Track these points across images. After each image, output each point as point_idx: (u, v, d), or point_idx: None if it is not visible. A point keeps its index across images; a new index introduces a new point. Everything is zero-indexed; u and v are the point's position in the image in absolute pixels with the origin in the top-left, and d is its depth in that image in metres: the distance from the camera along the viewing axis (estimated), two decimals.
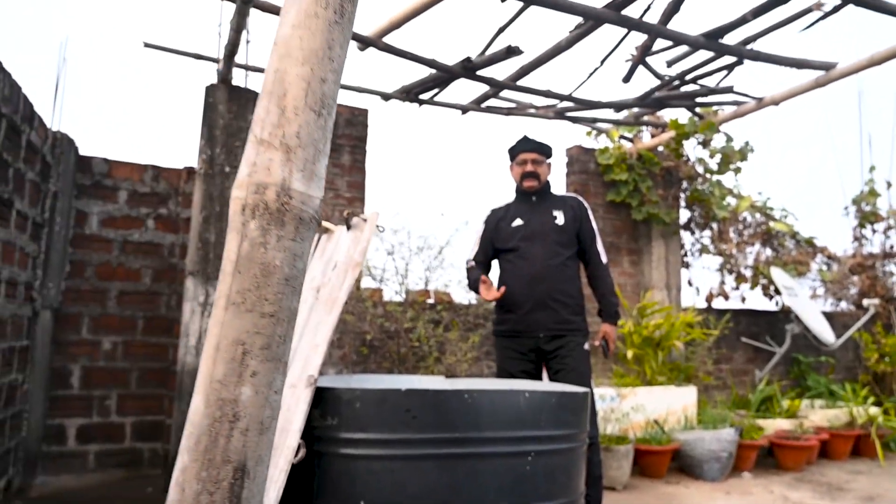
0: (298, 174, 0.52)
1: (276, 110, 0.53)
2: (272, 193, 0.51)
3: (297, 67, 0.54)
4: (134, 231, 4.03)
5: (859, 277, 6.09)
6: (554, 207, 3.01)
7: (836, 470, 4.28)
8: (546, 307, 2.87)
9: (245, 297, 0.49)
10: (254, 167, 0.52)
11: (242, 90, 3.75)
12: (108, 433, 3.85)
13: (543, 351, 2.89)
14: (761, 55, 3.30)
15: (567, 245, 2.96)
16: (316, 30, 0.55)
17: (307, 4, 0.56)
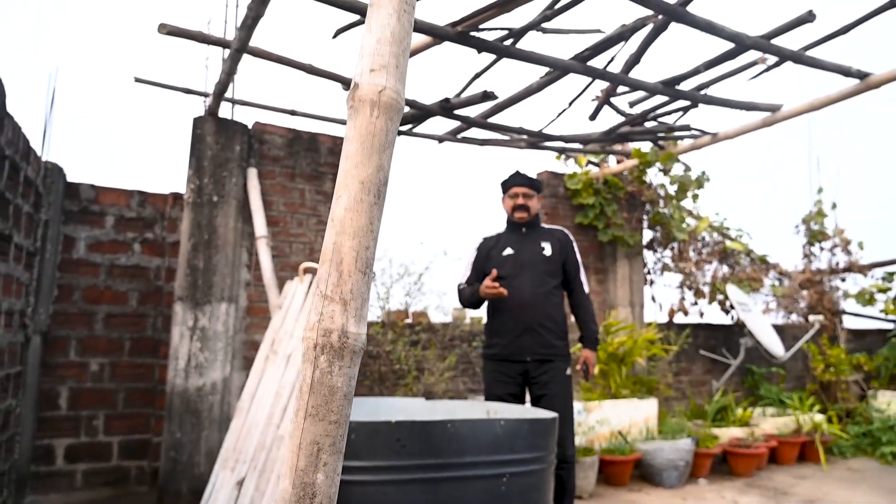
0: (352, 320, 0.74)
1: (336, 273, 0.75)
2: (335, 336, 0.72)
3: (349, 241, 0.76)
4: (120, 255, 4.15)
5: (808, 292, 6.51)
6: (542, 239, 3.25)
7: (784, 475, 4.64)
8: (533, 332, 3.10)
9: (318, 410, 0.70)
10: (321, 316, 0.73)
11: (229, 122, 3.91)
12: (95, 452, 3.96)
13: (529, 374, 3.12)
14: (714, 99, 3.61)
15: (553, 275, 3.20)
16: (361, 211, 0.78)
17: (356, 192, 0.78)
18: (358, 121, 0.80)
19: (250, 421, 2.22)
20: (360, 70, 0.82)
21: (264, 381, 2.28)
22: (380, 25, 0.84)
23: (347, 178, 0.78)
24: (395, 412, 3.11)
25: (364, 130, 0.80)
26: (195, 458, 3.57)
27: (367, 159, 0.79)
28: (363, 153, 0.79)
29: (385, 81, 0.81)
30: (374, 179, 0.79)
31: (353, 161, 0.79)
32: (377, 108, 0.80)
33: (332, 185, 4.30)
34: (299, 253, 4.16)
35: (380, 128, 0.80)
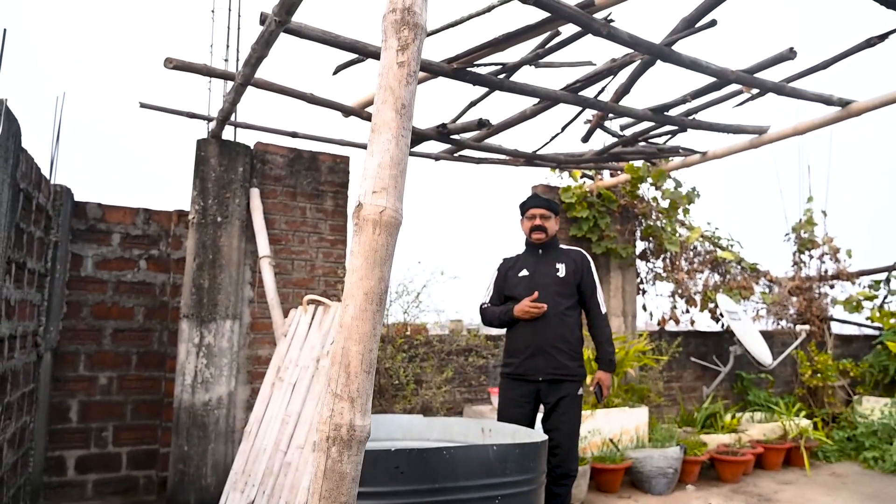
0: (358, 414, 0.87)
1: (344, 375, 0.89)
2: (345, 430, 0.86)
3: (355, 346, 0.90)
4: (127, 272, 4.28)
5: (797, 299, 6.67)
6: (558, 260, 3.33)
7: (769, 480, 4.80)
8: (545, 353, 3.20)
9: (331, 493, 0.83)
10: (332, 412, 0.87)
11: (232, 144, 4.04)
12: (104, 463, 4.11)
13: (541, 393, 3.23)
14: (702, 124, 3.75)
15: (567, 296, 3.26)
16: (366, 319, 0.91)
17: (361, 302, 0.92)
18: (362, 237, 0.93)
19: (258, 446, 2.35)
20: (364, 191, 0.96)
21: (271, 407, 2.42)
22: (381, 150, 0.97)
23: (354, 289, 0.92)
24: (393, 429, 3.25)
25: (368, 247, 0.93)
26: (202, 469, 3.72)
27: (371, 272, 0.92)
28: (367, 267, 0.92)
29: (385, 202, 0.95)
30: (376, 290, 0.92)
31: (359, 274, 0.92)
32: (379, 227, 0.93)
33: (332, 202, 4.44)
34: (301, 270, 4.29)
35: (381, 244, 0.93)
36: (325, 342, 2.36)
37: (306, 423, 2.12)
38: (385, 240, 0.92)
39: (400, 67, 0.96)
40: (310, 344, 2.41)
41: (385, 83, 0.95)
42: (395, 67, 0.96)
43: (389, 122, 0.96)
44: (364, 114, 3.49)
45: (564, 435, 3.13)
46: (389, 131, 0.97)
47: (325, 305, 2.52)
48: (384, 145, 0.95)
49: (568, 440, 3.13)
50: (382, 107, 0.94)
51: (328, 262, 4.39)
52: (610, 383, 3.29)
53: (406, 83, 0.96)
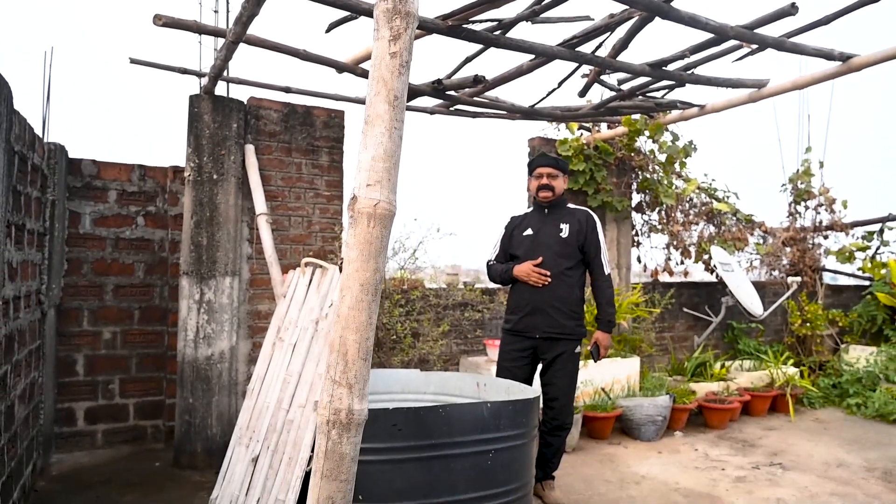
0: (356, 399, 0.93)
1: (342, 362, 0.93)
2: (343, 414, 0.91)
3: (353, 335, 0.94)
4: (125, 228, 4.31)
5: (791, 249, 6.74)
6: (562, 220, 3.34)
7: (754, 426, 4.99)
8: (543, 312, 3.27)
9: (331, 472, 0.89)
10: (331, 397, 0.92)
11: (226, 100, 3.99)
12: (113, 414, 4.25)
13: (538, 350, 3.32)
14: (700, 79, 3.70)
15: (568, 256, 3.28)
16: (362, 309, 0.95)
17: (357, 293, 0.96)
18: (357, 230, 0.96)
19: (261, 403, 2.45)
20: (358, 184, 0.98)
21: (272, 366, 2.51)
22: (374, 143, 0.99)
23: (350, 280, 0.96)
24: (391, 383, 3.36)
25: (362, 239, 0.96)
26: (207, 420, 3.85)
27: (366, 264, 0.96)
28: (362, 259, 0.96)
29: (379, 195, 0.97)
30: (371, 281, 0.96)
31: (354, 266, 0.96)
32: (373, 220, 0.96)
33: (328, 158, 4.42)
34: (298, 226, 4.32)
35: (376, 235, 0.96)
36: (323, 304, 2.42)
37: (306, 384, 2.20)
38: (379, 232, 0.95)
39: (392, 58, 0.96)
40: (308, 306, 2.47)
41: (377, 74, 0.96)
42: (387, 58, 0.97)
43: (382, 115, 0.98)
44: (358, 70, 3.44)
45: (560, 390, 3.24)
46: (382, 124, 0.98)
47: (322, 268, 2.56)
48: (377, 138, 0.97)
49: (564, 395, 3.25)
50: (375, 99, 0.96)
51: (325, 217, 4.41)
52: (608, 344, 3.34)
53: (399, 73, 0.97)
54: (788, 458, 4.18)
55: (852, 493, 3.54)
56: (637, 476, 3.79)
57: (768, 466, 3.99)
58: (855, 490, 3.58)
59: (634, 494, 3.48)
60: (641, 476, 3.79)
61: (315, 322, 2.39)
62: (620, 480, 3.71)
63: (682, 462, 4.07)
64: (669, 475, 3.81)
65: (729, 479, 3.74)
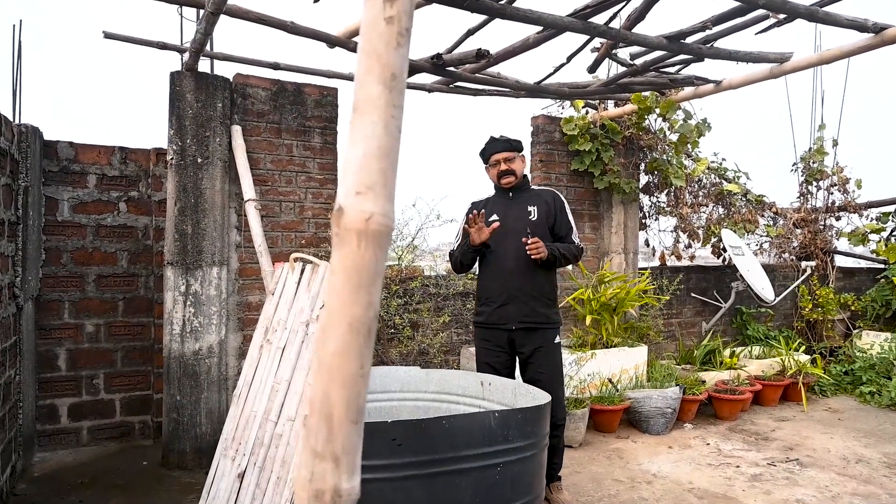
0: (345, 476, 0.71)
1: (325, 427, 0.71)
2: (328, 497, 0.69)
3: (338, 389, 0.72)
4: (106, 215, 4.06)
5: (801, 231, 6.52)
6: (529, 203, 3.17)
7: (766, 417, 4.82)
8: (517, 301, 3.09)
9: None
10: (312, 475, 0.70)
11: (209, 77, 3.71)
12: (98, 410, 4.06)
13: (515, 342, 3.14)
14: (721, 52, 3.44)
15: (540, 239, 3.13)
16: (351, 356, 0.73)
17: (343, 334, 0.73)
18: (344, 252, 0.73)
19: (248, 411, 2.24)
20: (345, 191, 0.75)
21: (260, 371, 2.29)
22: (365, 136, 0.76)
23: (334, 317, 0.73)
24: (390, 382, 3.16)
25: (350, 264, 0.73)
26: (196, 418, 3.66)
27: (355, 296, 0.73)
28: (350, 289, 0.73)
29: (373, 206, 0.74)
30: (363, 318, 0.73)
31: (340, 298, 0.73)
32: (365, 239, 0.73)
33: (320, 139, 4.16)
34: (289, 212, 4.07)
35: (368, 259, 0.73)
36: (314, 305, 2.19)
37: (296, 395, 1.99)
38: (373, 254, 0.72)
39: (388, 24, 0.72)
40: (298, 306, 2.25)
41: (368, 47, 0.72)
42: (381, 24, 0.73)
43: (375, 99, 0.74)
44: (350, 44, 3.17)
45: (546, 386, 3.02)
46: (376, 111, 0.75)
47: (313, 264, 2.34)
48: (369, 130, 0.74)
49: (551, 391, 3.04)
50: (366, 78, 0.72)
51: (318, 203, 4.17)
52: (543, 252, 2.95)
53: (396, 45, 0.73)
54: (805, 452, 4.01)
55: (875, 492, 3.37)
56: (648, 475, 3.62)
57: (785, 463, 3.82)
58: (877, 489, 3.41)
59: (647, 496, 3.31)
60: (653, 475, 3.62)
61: (305, 325, 2.17)
62: (631, 479, 3.54)
63: (695, 458, 3.90)
64: (682, 473, 3.63)
65: (745, 478, 3.57)
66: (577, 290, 4.78)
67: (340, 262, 0.77)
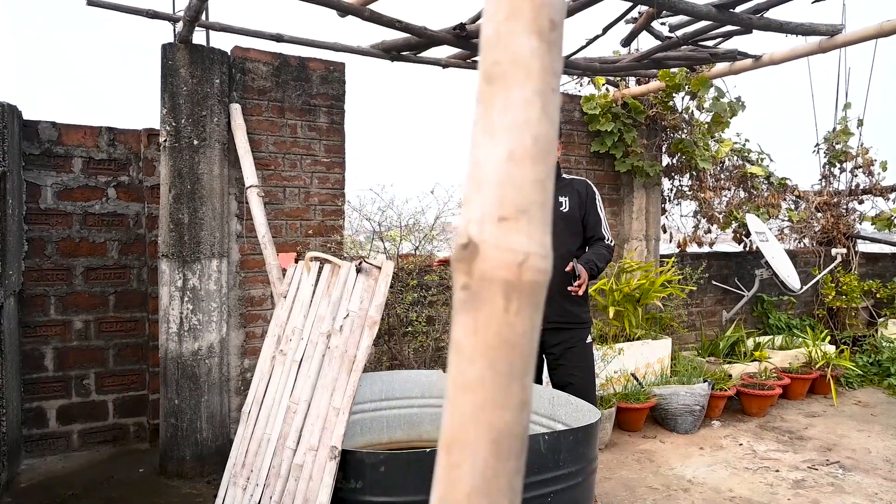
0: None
1: None
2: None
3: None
4: (94, 202, 3.73)
5: (823, 215, 6.25)
6: (561, 193, 2.92)
7: (795, 412, 4.60)
8: (548, 299, 2.81)
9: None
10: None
11: (206, 50, 3.36)
12: (89, 412, 3.77)
13: (544, 343, 2.90)
14: (772, 23, 3.12)
15: (573, 233, 2.90)
16: (499, 489, 0.44)
17: (485, 457, 0.43)
18: (481, 318, 0.43)
19: (259, 433, 1.96)
20: (477, 215, 0.45)
21: (273, 386, 2.01)
22: (510, 124, 0.45)
23: (468, 431, 0.44)
24: (410, 387, 2.89)
25: (495, 337, 0.44)
26: (196, 423, 3.38)
27: (505, 392, 0.44)
28: (495, 381, 0.43)
29: (528, 241, 0.44)
30: (516, 429, 0.44)
31: (479, 397, 0.43)
32: (518, 295, 0.44)
33: (327, 118, 3.82)
34: (294, 198, 3.75)
35: (523, 328, 0.44)
36: (335, 313, 1.90)
37: (318, 419, 1.71)
38: (529, 320, 0.42)
39: None
40: (317, 313, 1.96)
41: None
42: None
43: (528, 61, 0.44)
44: (364, 12, 2.83)
45: (579, 390, 2.76)
46: (529, 81, 0.45)
47: (333, 265, 2.04)
48: (520, 113, 0.44)
49: (584, 394, 2.78)
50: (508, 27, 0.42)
51: (324, 188, 3.85)
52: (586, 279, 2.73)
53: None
54: (844, 454, 3.79)
55: None
56: (683, 481, 3.38)
57: (826, 466, 3.59)
58: None
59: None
60: (688, 481, 3.38)
61: (326, 336, 1.88)
62: (666, 487, 3.30)
63: (729, 461, 3.67)
64: (719, 479, 3.40)
65: (787, 484, 3.34)
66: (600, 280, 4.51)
67: (477, 335, 0.48)
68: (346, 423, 1.68)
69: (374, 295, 1.79)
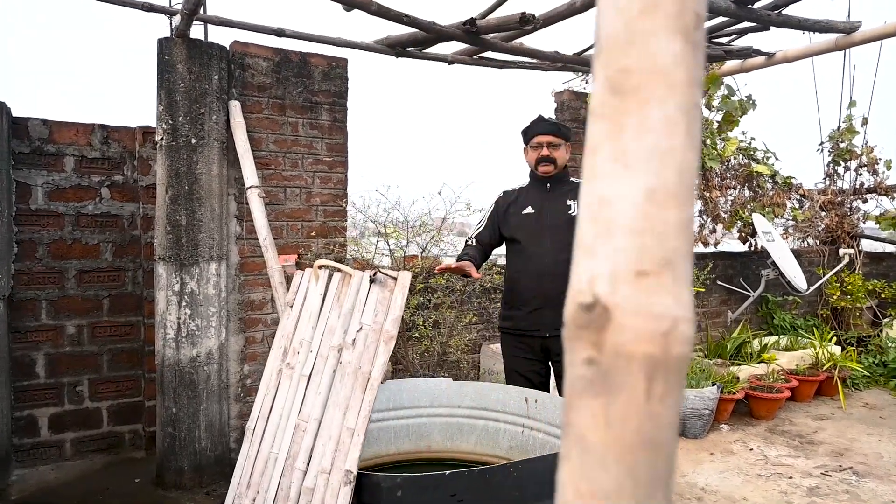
0: None
1: None
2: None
3: None
4: (87, 202, 3.60)
5: (828, 214, 6.19)
6: (569, 196, 2.82)
7: (803, 415, 4.53)
8: (554, 305, 2.74)
9: None
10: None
11: (204, 45, 3.23)
12: (83, 420, 3.65)
13: (550, 350, 2.81)
14: (790, 20, 3.03)
15: None
16: None
17: None
18: (615, 406, 0.33)
19: (266, 451, 1.85)
20: (606, 269, 0.34)
21: (279, 401, 1.90)
22: (648, 150, 0.35)
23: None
24: (418, 396, 2.79)
25: (633, 434, 0.34)
26: (195, 432, 3.27)
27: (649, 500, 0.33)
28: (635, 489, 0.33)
29: (675, 305, 0.34)
30: None
31: None
32: (662, 376, 0.33)
33: (329, 116, 3.70)
34: (295, 199, 3.64)
35: (668, 422, 0.34)
36: (347, 326, 1.79)
37: (331, 440, 1.60)
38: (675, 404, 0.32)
39: None
40: (326, 324, 1.85)
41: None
42: None
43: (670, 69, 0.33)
44: (372, 6, 2.71)
45: None
46: (671, 95, 0.34)
47: (344, 273, 1.93)
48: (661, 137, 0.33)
49: None
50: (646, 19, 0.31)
51: (326, 188, 3.73)
52: None
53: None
54: (857, 459, 3.72)
55: None
56: (696, 489, 3.30)
57: (839, 472, 3.52)
58: None
59: None
60: (701, 489, 3.30)
61: (337, 350, 1.77)
62: (679, 495, 3.22)
63: (741, 467, 3.59)
64: (733, 487, 3.32)
65: (801, 492, 3.26)
66: None
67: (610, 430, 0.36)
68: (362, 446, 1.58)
69: (389, 308, 1.69)
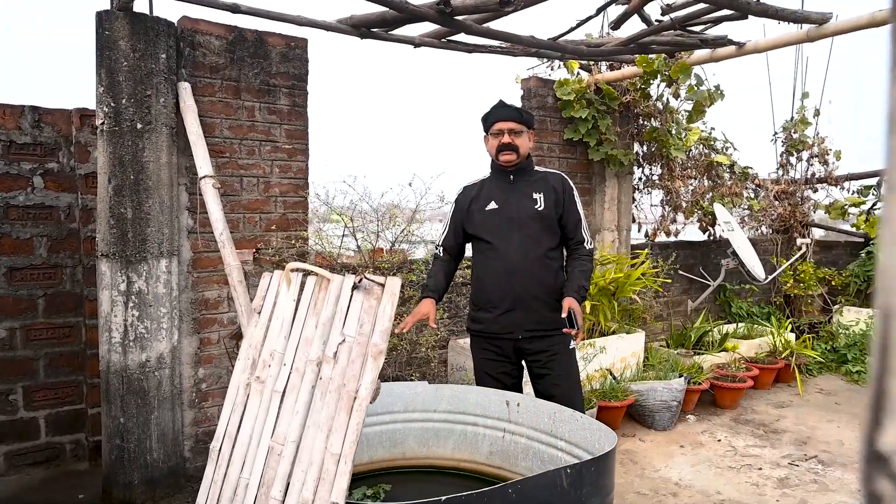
0: None
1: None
2: None
3: None
4: (17, 192, 3.25)
5: (781, 203, 6.32)
6: (534, 189, 2.65)
7: (764, 404, 4.61)
8: (525, 306, 2.60)
9: None
10: None
11: (150, 20, 2.93)
12: (17, 431, 3.32)
13: (523, 350, 2.68)
14: (769, 9, 2.97)
15: (549, 233, 2.63)
16: None
17: None
18: None
19: (234, 476, 1.65)
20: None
21: (248, 420, 1.70)
22: None
23: None
24: (392, 400, 2.63)
25: None
26: (145, 443, 3.01)
27: None
28: None
29: None
30: None
31: None
32: None
33: (288, 101, 3.46)
34: (252, 189, 3.39)
35: None
36: (327, 337, 1.60)
37: (313, 465, 1.42)
38: None
39: None
40: (301, 335, 1.66)
41: None
42: None
43: None
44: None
45: (565, 399, 2.58)
46: None
47: (320, 277, 1.73)
48: None
49: (571, 402, 2.60)
50: None
51: (286, 177, 3.50)
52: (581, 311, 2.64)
53: None
54: (820, 447, 3.79)
55: None
56: (670, 484, 3.28)
57: (805, 462, 3.58)
58: None
59: None
60: (675, 484, 3.28)
61: (316, 363, 1.59)
62: (654, 492, 3.19)
63: (712, 459, 3.60)
64: (706, 481, 3.31)
65: (773, 483, 3.28)
66: None
67: None
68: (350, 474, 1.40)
69: (377, 318, 1.51)
